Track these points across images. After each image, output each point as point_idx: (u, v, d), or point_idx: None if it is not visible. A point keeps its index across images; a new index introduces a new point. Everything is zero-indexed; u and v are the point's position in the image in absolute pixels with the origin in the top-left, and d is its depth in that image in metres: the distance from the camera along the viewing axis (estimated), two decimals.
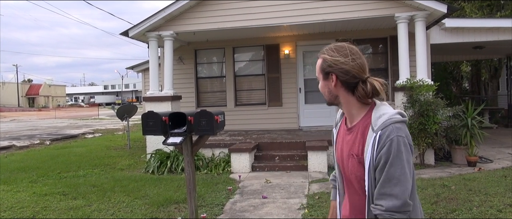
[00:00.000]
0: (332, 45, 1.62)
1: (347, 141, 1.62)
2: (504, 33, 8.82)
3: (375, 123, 1.50)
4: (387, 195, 1.43)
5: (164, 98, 8.30)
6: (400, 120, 1.48)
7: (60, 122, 25.33)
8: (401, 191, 1.42)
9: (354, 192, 1.61)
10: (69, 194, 5.94)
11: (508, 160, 7.40)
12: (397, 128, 1.45)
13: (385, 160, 1.43)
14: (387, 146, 1.43)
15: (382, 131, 1.46)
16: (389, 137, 1.44)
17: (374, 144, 1.47)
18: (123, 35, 8.51)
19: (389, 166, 1.43)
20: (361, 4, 7.58)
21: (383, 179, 1.44)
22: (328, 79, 1.60)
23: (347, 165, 1.60)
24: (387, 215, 1.43)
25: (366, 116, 1.57)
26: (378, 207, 1.46)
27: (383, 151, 1.44)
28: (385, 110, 1.53)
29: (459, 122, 7.29)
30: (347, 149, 1.61)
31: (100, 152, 10.32)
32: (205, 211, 4.96)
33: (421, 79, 7.23)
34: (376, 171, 1.47)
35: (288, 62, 10.19)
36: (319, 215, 4.61)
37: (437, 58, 14.00)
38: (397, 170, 1.43)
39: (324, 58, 1.60)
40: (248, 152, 7.26)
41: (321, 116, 10.04)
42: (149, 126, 3.75)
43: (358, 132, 1.57)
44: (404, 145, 1.44)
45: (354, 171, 1.57)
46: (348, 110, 1.62)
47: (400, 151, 1.43)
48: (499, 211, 4.34)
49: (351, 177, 1.59)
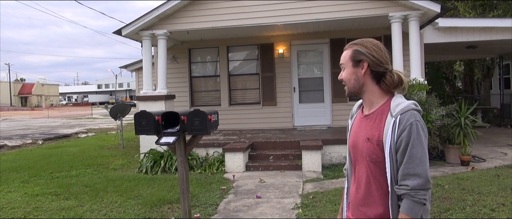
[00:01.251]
0: (361, 39, 1.75)
1: (365, 126, 1.73)
2: (497, 33, 8.88)
3: (394, 109, 1.63)
4: (411, 175, 1.55)
5: (157, 98, 8.25)
6: (417, 108, 1.63)
7: (53, 121, 25.13)
8: (423, 170, 1.55)
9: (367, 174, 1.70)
10: (61, 194, 5.87)
11: (500, 159, 7.45)
12: (415, 114, 1.60)
13: (406, 142, 1.56)
14: (408, 129, 1.56)
15: (401, 115, 1.59)
16: (409, 121, 1.57)
17: (394, 127, 1.59)
18: (116, 34, 8.45)
19: (411, 147, 1.56)
20: (356, 3, 7.58)
21: (406, 160, 1.56)
22: (358, 66, 1.72)
23: (362, 148, 1.70)
24: (412, 193, 1.55)
25: (384, 104, 1.70)
26: (403, 187, 1.57)
27: (404, 134, 1.57)
28: (402, 100, 1.67)
29: (452, 121, 7.32)
30: (364, 133, 1.72)
31: (93, 151, 10.24)
32: (199, 211, 4.93)
33: (414, 78, 7.26)
34: (397, 153, 1.59)
35: (282, 62, 10.17)
36: (313, 215, 4.60)
37: (430, 57, 14.06)
38: (419, 150, 1.56)
39: (355, 49, 1.73)
40: (242, 152, 7.23)
41: (315, 115, 10.04)
42: (142, 126, 3.71)
43: (376, 118, 1.69)
44: (422, 128, 1.58)
45: (369, 153, 1.67)
46: (369, 98, 1.74)
47: (419, 133, 1.57)
48: (492, 210, 4.36)
49: (367, 159, 1.69)
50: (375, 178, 1.67)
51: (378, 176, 1.66)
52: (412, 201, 1.54)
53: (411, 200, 1.54)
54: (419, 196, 1.54)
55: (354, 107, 1.89)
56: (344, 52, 1.76)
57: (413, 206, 1.55)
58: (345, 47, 1.77)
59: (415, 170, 1.54)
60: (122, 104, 12.00)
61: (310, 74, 10.28)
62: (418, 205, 1.55)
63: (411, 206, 1.55)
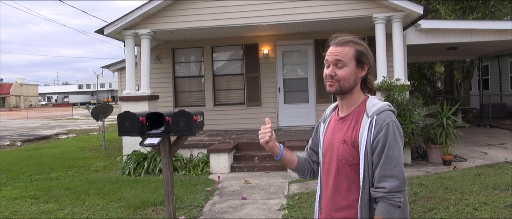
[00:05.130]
0: (357, 38, 1.68)
1: (340, 128, 1.69)
2: (476, 34, 9.05)
3: (369, 110, 1.61)
4: (388, 176, 1.52)
5: (141, 98, 8.12)
6: (392, 109, 1.62)
7: (32, 122, 24.53)
8: (400, 171, 1.53)
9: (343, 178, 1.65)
10: (41, 197, 5.71)
11: (481, 158, 7.59)
12: (391, 115, 1.58)
13: (383, 143, 1.53)
14: (385, 130, 1.54)
15: (378, 116, 1.57)
16: (386, 121, 1.55)
17: (370, 128, 1.56)
18: (98, 33, 8.29)
19: (388, 148, 1.53)
20: (340, 4, 7.63)
21: (383, 161, 1.53)
22: (360, 68, 1.66)
23: (338, 151, 1.65)
24: (389, 196, 1.52)
25: (360, 105, 1.67)
26: (380, 189, 1.53)
27: (381, 134, 1.54)
28: (377, 101, 1.66)
29: (434, 121, 7.43)
30: (340, 136, 1.67)
31: (74, 153, 10.02)
32: (184, 213, 4.86)
33: (398, 79, 7.33)
34: (373, 154, 1.54)
35: (267, 62, 10.16)
36: (299, 215, 4.58)
37: (412, 58, 14.28)
38: (396, 151, 1.53)
39: (358, 49, 1.65)
40: (227, 152, 7.18)
41: (300, 116, 10.06)
42: (126, 127, 3.63)
43: (352, 120, 1.66)
44: (397, 129, 1.56)
45: (345, 155, 1.62)
46: (351, 99, 1.69)
47: (396, 134, 1.54)
48: (474, 209, 4.42)
49: (342, 162, 1.64)
50: (351, 181, 1.62)
51: (355, 179, 1.61)
52: (389, 204, 1.52)
53: (387, 203, 1.52)
54: (395, 199, 1.51)
55: (327, 110, 1.84)
56: (343, 48, 1.64)
57: (389, 209, 1.52)
58: (339, 42, 1.66)
59: (392, 172, 1.51)
60: (104, 105, 11.79)
61: (295, 75, 10.30)
62: (394, 208, 1.53)
63: (388, 209, 1.52)
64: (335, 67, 1.65)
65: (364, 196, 1.57)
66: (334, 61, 1.65)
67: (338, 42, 1.67)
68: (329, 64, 1.66)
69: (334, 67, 1.65)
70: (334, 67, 1.65)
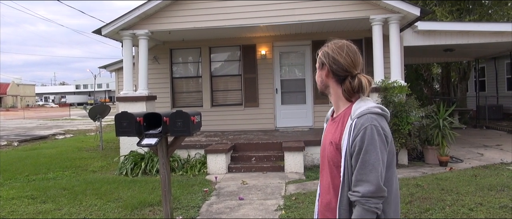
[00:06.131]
0: (332, 42, 1.73)
1: (330, 130, 1.73)
2: (473, 36, 9.10)
3: (353, 112, 1.61)
4: (363, 181, 1.51)
5: (138, 99, 8.12)
6: (378, 112, 1.58)
7: (29, 123, 24.45)
8: (375, 177, 1.50)
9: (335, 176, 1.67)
10: (38, 197, 5.70)
11: (477, 159, 7.63)
12: (372, 118, 1.55)
13: (359, 146, 1.52)
14: (361, 134, 1.53)
15: (358, 119, 1.56)
16: (364, 125, 1.53)
17: (350, 131, 1.57)
18: (95, 33, 8.28)
19: (364, 153, 1.51)
20: (338, 6, 7.66)
21: (359, 165, 1.52)
22: (323, 69, 1.73)
23: (327, 152, 1.69)
24: (363, 201, 1.51)
25: (348, 108, 1.67)
26: (355, 193, 1.53)
27: (357, 138, 1.53)
28: (365, 103, 1.63)
29: (431, 122, 7.46)
30: (329, 137, 1.71)
31: (71, 153, 10.00)
32: (181, 213, 4.87)
33: (395, 80, 7.37)
34: (352, 157, 1.54)
35: (265, 63, 10.18)
36: (296, 216, 4.60)
37: (409, 60, 14.33)
38: (372, 156, 1.51)
39: (323, 51, 1.73)
40: (225, 153, 7.19)
41: (297, 117, 10.08)
42: (123, 127, 3.63)
43: (339, 121, 1.68)
44: (377, 133, 1.52)
45: (332, 157, 1.65)
46: (335, 100, 1.74)
47: (373, 138, 1.51)
48: (470, 210, 4.45)
49: (330, 163, 1.67)
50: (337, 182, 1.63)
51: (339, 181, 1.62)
52: (363, 208, 1.50)
53: (362, 207, 1.51)
54: (369, 204, 1.49)
55: (329, 111, 1.88)
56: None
57: (364, 214, 1.50)
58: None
59: (367, 177, 1.50)
60: (102, 105, 11.77)
61: (292, 76, 10.32)
62: (370, 213, 1.50)
63: (363, 213, 1.51)
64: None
65: (343, 199, 1.58)
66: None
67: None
68: None
69: None
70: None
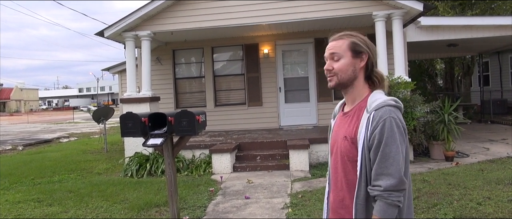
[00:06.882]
0: (352, 32, 1.68)
1: (343, 124, 1.68)
2: (477, 30, 9.05)
3: (370, 105, 1.57)
4: (384, 175, 1.47)
5: (142, 100, 8.12)
6: (394, 104, 1.56)
7: (33, 127, 24.54)
8: (396, 170, 1.47)
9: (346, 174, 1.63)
10: (44, 200, 5.71)
11: (483, 154, 7.59)
12: (390, 110, 1.53)
13: (379, 139, 1.49)
14: (381, 126, 1.49)
15: (375, 111, 1.53)
16: (382, 117, 1.50)
17: (368, 124, 1.53)
18: (98, 36, 8.29)
19: (384, 146, 1.48)
20: (340, 2, 7.63)
21: (379, 159, 1.48)
22: (358, 58, 1.64)
23: (340, 147, 1.63)
24: (385, 195, 1.47)
25: (363, 101, 1.64)
26: (376, 188, 1.49)
27: (377, 131, 1.50)
28: (380, 95, 1.61)
29: (436, 117, 7.43)
30: (342, 131, 1.66)
31: (76, 156, 10.02)
32: (187, 213, 4.86)
33: (399, 76, 7.33)
34: (370, 151, 1.51)
35: (268, 62, 10.16)
36: (303, 214, 4.58)
37: (412, 56, 14.28)
38: (392, 149, 1.47)
39: (352, 40, 1.65)
40: (229, 153, 7.18)
41: (301, 115, 10.06)
42: (128, 128, 3.62)
43: (353, 115, 1.63)
44: (396, 126, 1.50)
45: (346, 152, 1.61)
46: (354, 93, 1.67)
47: (393, 131, 1.49)
48: (478, 204, 4.41)
49: (344, 159, 1.62)
50: (351, 177, 1.60)
51: (355, 175, 1.58)
52: (385, 203, 1.46)
53: (384, 202, 1.46)
54: (392, 198, 1.46)
55: (336, 107, 1.83)
56: (337, 42, 1.67)
57: (386, 209, 1.47)
58: (335, 37, 1.68)
59: (388, 170, 1.46)
60: (105, 107, 11.79)
61: (295, 74, 10.30)
62: (392, 207, 1.47)
63: (385, 208, 1.47)
64: (331, 61, 1.66)
65: (359, 194, 1.54)
66: (329, 56, 1.67)
67: (333, 37, 1.70)
68: (326, 60, 1.69)
69: (331, 61, 1.66)
70: (331, 61, 1.66)
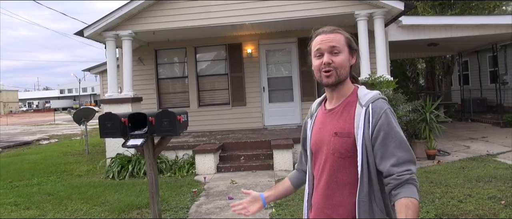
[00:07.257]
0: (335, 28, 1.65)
1: (330, 121, 1.62)
2: (456, 30, 9.21)
3: (362, 99, 1.56)
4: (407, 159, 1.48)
5: (123, 100, 7.99)
6: (384, 97, 1.59)
7: (12, 129, 23.94)
8: (413, 154, 1.51)
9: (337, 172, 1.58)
10: (22, 204, 5.55)
11: (464, 152, 7.71)
12: (384, 102, 1.56)
13: (386, 130, 1.49)
14: (384, 117, 1.50)
15: (373, 104, 1.53)
16: (382, 108, 1.51)
17: (367, 117, 1.51)
18: (77, 35, 8.12)
19: (395, 134, 1.49)
20: (323, 1, 7.65)
21: (395, 146, 1.48)
22: (352, 55, 1.63)
23: (329, 144, 1.58)
24: (415, 177, 1.48)
25: (351, 96, 1.61)
26: (407, 172, 1.46)
27: (381, 122, 1.49)
28: (368, 90, 1.62)
29: (418, 116, 7.51)
30: (330, 128, 1.60)
31: (56, 158, 9.79)
32: (170, 215, 4.79)
33: (381, 75, 7.39)
34: (376, 143, 1.49)
35: (251, 61, 10.12)
36: (287, 214, 4.56)
37: (394, 55, 14.44)
38: (402, 135, 1.51)
39: (347, 36, 1.63)
40: (213, 153, 7.12)
41: (285, 115, 10.05)
42: (107, 128, 3.55)
43: (342, 111, 1.60)
44: (393, 116, 1.54)
45: (339, 149, 1.55)
46: (343, 90, 1.63)
47: (395, 120, 1.53)
48: (460, 202, 4.47)
49: (336, 155, 1.57)
50: (342, 174, 1.55)
51: (347, 172, 1.54)
52: (414, 185, 1.45)
53: (414, 184, 1.45)
54: (416, 179, 1.47)
55: (313, 105, 1.77)
56: (334, 35, 1.59)
57: (416, 191, 1.45)
58: (327, 31, 1.61)
59: (410, 154, 1.48)
60: (87, 108, 11.54)
61: (279, 74, 10.29)
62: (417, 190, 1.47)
63: (416, 190, 1.45)
64: (330, 55, 1.57)
65: (362, 189, 1.49)
66: (329, 49, 1.57)
67: (327, 30, 1.61)
68: (322, 53, 1.57)
69: (330, 55, 1.56)
70: (330, 55, 1.56)
